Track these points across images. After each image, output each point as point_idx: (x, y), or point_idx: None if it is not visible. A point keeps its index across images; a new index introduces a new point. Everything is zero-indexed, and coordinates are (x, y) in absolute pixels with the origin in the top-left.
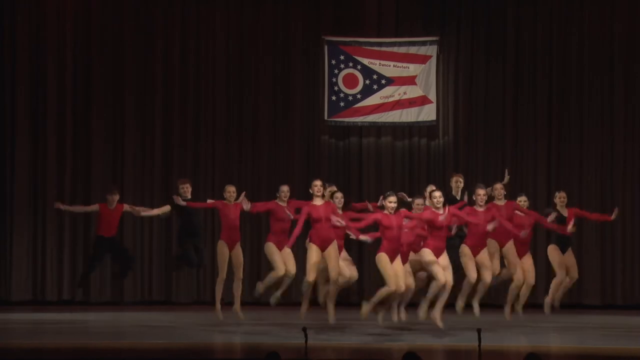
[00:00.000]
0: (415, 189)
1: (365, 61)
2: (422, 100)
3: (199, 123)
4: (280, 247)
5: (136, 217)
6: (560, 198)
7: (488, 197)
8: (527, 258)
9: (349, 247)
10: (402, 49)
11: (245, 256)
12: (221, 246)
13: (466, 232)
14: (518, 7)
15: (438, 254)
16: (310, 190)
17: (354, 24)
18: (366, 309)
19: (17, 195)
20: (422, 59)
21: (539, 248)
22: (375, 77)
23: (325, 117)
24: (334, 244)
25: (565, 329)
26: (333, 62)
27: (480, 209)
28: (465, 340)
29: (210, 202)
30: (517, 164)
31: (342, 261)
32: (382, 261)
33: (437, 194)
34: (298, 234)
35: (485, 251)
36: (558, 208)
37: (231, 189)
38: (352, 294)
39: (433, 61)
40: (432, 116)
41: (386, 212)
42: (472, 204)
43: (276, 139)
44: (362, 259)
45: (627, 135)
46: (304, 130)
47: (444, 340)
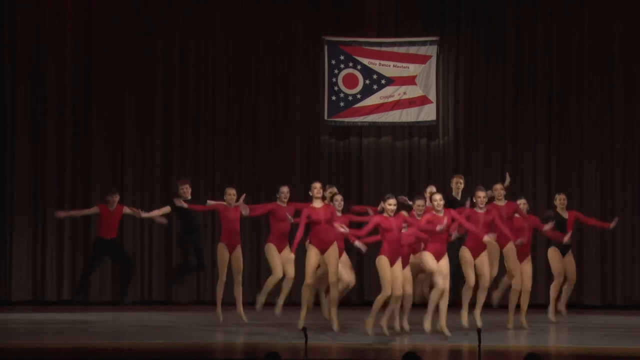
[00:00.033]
0: (415, 189)
1: (365, 61)
2: (422, 100)
3: (199, 123)
4: (281, 249)
5: (136, 218)
6: (560, 200)
7: (488, 198)
8: (527, 263)
9: (350, 248)
10: (402, 49)
11: (245, 257)
12: (221, 249)
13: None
14: (518, 7)
15: (438, 257)
16: (310, 192)
17: (354, 24)
18: (370, 323)
19: (17, 195)
20: (422, 59)
21: (539, 250)
22: (375, 77)
23: (325, 117)
24: (334, 246)
25: (565, 329)
26: (333, 62)
27: (480, 211)
28: (465, 340)
29: (210, 204)
30: (517, 164)
31: (341, 266)
32: (381, 264)
33: (438, 197)
34: (300, 238)
35: (485, 254)
36: (558, 210)
37: (232, 191)
38: (353, 294)
39: (433, 61)
40: (432, 116)
41: (386, 215)
42: (473, 207)
43: (276, 139)
44: (363, 260)
45: (627, 135)
46: (304, 130)
47: (444, 341)
